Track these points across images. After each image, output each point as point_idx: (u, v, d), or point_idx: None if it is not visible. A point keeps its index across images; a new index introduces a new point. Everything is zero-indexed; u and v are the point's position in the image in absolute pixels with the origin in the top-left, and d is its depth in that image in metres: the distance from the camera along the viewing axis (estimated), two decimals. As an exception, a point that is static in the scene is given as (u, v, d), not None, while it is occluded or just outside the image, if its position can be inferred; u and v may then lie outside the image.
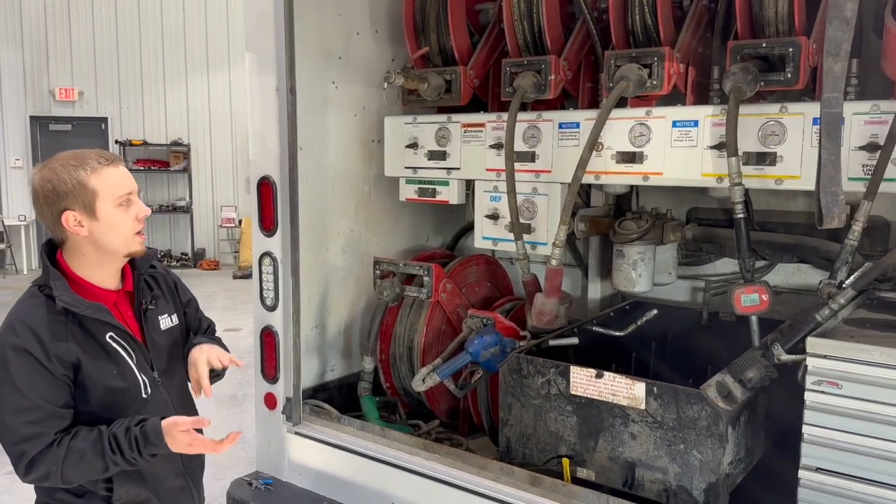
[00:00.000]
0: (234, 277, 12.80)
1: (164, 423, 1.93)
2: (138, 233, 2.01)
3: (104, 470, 1.91)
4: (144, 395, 2.04)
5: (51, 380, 1.88)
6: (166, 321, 2.17)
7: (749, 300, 2.30)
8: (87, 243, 1.95)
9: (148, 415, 1.97)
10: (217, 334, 2.41)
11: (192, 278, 12.12)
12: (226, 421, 6.00)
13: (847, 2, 1.97)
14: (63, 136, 13.66)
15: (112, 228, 1.95)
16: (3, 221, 12.89)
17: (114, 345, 1.98)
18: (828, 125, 2.05)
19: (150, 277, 2.17)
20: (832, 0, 1.99)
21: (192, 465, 2.25)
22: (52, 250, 2.04)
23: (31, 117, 13.45)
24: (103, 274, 2.02)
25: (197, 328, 2.32)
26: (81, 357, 1.92)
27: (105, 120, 13.74)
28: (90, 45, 13.56)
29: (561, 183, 2.84)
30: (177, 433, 1.92)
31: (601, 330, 2.89)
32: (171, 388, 2.15)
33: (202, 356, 2.12)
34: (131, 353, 2.02)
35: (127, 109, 13.82)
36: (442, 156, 3.12)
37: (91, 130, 13.74)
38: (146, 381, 2.05)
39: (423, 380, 2.84)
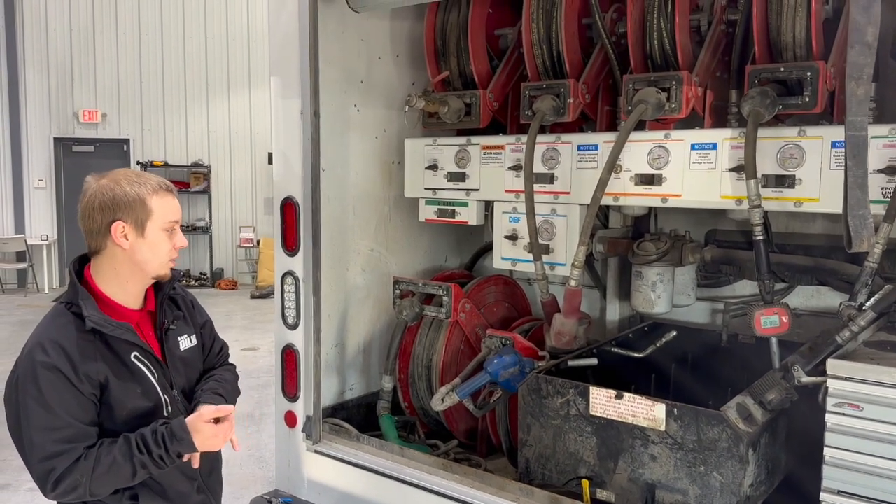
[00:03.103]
0: (252, 297, 12.88)
1: (188, 419, 1.99)
2: (172, 259, 2.07)
3: (132, 475, 1.93)
4: (165, 414, 2.07)
5: (80, 398, 1.91)
6: (185, 342, 2.20)
7: (769, 322, 2.30)
8: (125, 258, 1.99)
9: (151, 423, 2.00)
10: (231, 358, 2.44)
11: (210, 298, 12.21)
12: (243, 440, 6.00)
13: (868, 26, 1.99)
14: (86, 158, 13.89)
15: (153, 249, 2.01)
16: (25, 241, 13.08)
17: (138, 364, 2.01)
18: (853, 148, 2.05)
19: (170, 298, 2.20)
20: (853, 25, 2.01)
21: (212, 481, 2.27)
22: (79, 268, 2.07)
23: (55, 139, 13.69)
24: (130, 292, 2.06)
25: (210, 350, 2.34)
26: (109, 376, 1.95)
27: (127, 141, 13.96)
28: (114, 69, 13.83)
29: (579, 204, 2.87)
30: (202, 425, 1.97)
31: (620, 351, 2.89)
32: (189, 407, 2.17)
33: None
34: (154, 372, 2.05)
35: (149, 131, 14.04)
36: (461, 177, 3.16)
37: (113, 152, 13.96)
38: (167, 399, 2.08)
39: (442, 399, 2.86)
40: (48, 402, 1.87)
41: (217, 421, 2.02)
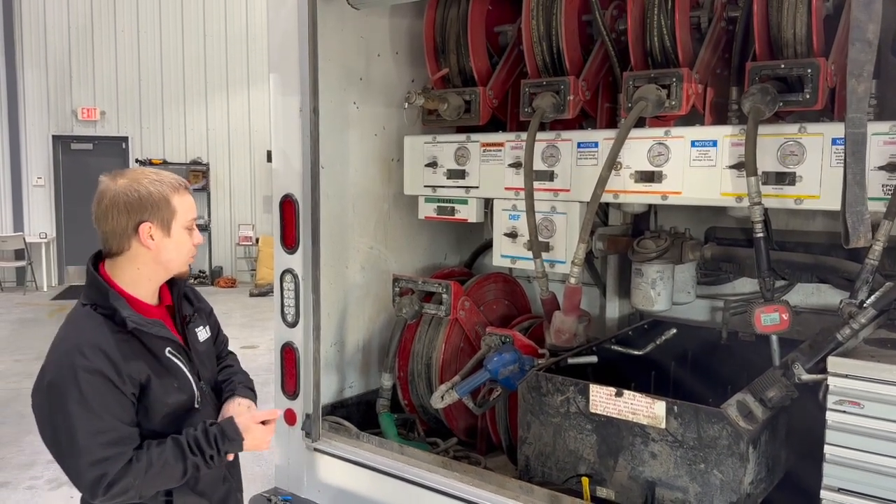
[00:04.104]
0: (251, 295, 12.88)
1: (238, 420, 2.04)
2: (191, 256, 2.10)
3: (182, 475, 1.94)
4: (196, 406, 2.08)
5: (122, 400, 1.89)
6: (202, 333, 2.21)
7: (769, 319, 2.29)
8: (149, 259, 1.99)
9: (198, 422, 2.03)
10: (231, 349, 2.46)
11: (209, 296, 12.04)
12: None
13: (869, 23, 1.99)
14: (84, 156, 13.89)
15: (178, 248, 2.02)
16: (24, 239, 13.06)
17: (173, 359, 2.02)
18: (853, 145, 2.05)
19: (185, 293, 2.22)
20: (854, 22, 2.00)
21: (235, 470, 2.30)
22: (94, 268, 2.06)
23: (54, 136, 13.70)
24: (149, 290, 2.05)
25: (217, 338, 2.36)
26: (150, 375, 1.94)
27: (126, 139, 13.96)
28: (112, 67, 13.82)
29: (579, 202, 2.86)
30: (254, 427, 2.04)
31: (620, 349, 2.89)
32: (213, 397, 2.21)
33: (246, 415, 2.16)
34: (185, 365, 2.06)
35: (147, 129, 14.04)
36: (461, 174, 3.15)
37: (112, 150, 13.96)
38: (198, 392, 2.10)
39: (442, 397, 2.85)
40: (92, 405, 1.83)
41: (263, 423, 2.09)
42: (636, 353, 2.86)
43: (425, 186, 3.29)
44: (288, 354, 3.13)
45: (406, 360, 3.29)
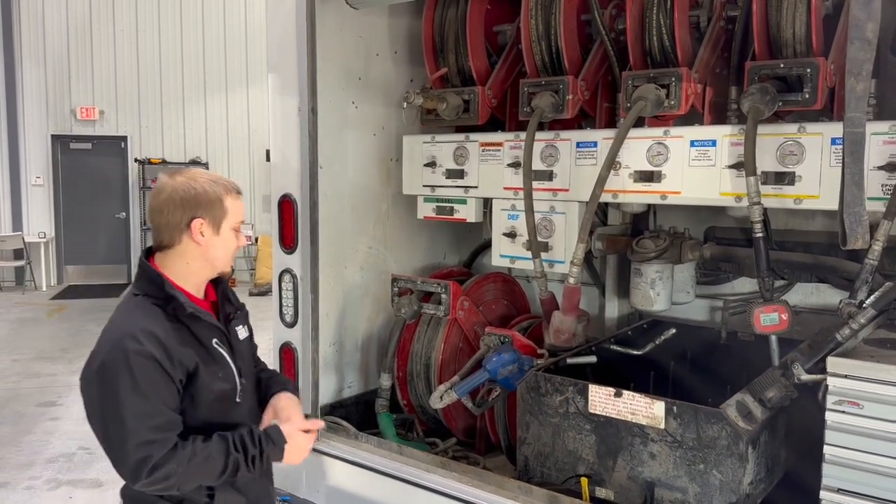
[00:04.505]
0: (250, 295, 12.86)
1: (283, 427, 2.12)
2: (233, 257, 2.18)
3: (222, 472, 1.98)
4: (238, 399, 2.13)
5: (170, 385, 1.95)
6: (243, 332, 2.27)
7: (769, 319, 2.29)
8: (198, 254, 2.06)
9: (240, 419, 2.11)
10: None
11: (208, 295, 12.18)
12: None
13: (868, 22, 1.98)
14: (83, 155, 13.88)
15: (225, 247, 2.10)
16: (23, 238, 13.05)
17: (219, 349, 2.08)
18: (851, 144, 2.05)
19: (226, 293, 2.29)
20: (853, 20, 2.00)
21: (268, 468, 2.33)
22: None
23: (53, 136, 13.67)
24: (195, 284, 2.12)
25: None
26: (198, 362, 2.01)
27: (125, 139, 13.95)
28: (111, 66, 13.80)
29: (578, 201, 2.86)
30: (297, 434, 2.13)
31: (619, 349, 2.89)
32: (252, 394, 2.26)
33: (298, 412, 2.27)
34: (229, 356, 2.12)
35: (146, 128, 14.02)
36: (460, 174, 3.15)
37: (111, 149, 13.95)
38: (239, 385, 2.14)
39: (441, 397, 2.85)
40: (142, 389, 1.89)
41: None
42: (635, 353, 2.86)
43: (424, 186, 3.28)
44: (286, 354, 3.13)
45: (405, 360, 3.29)
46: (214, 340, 2.07)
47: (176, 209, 2.01)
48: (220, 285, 2.23)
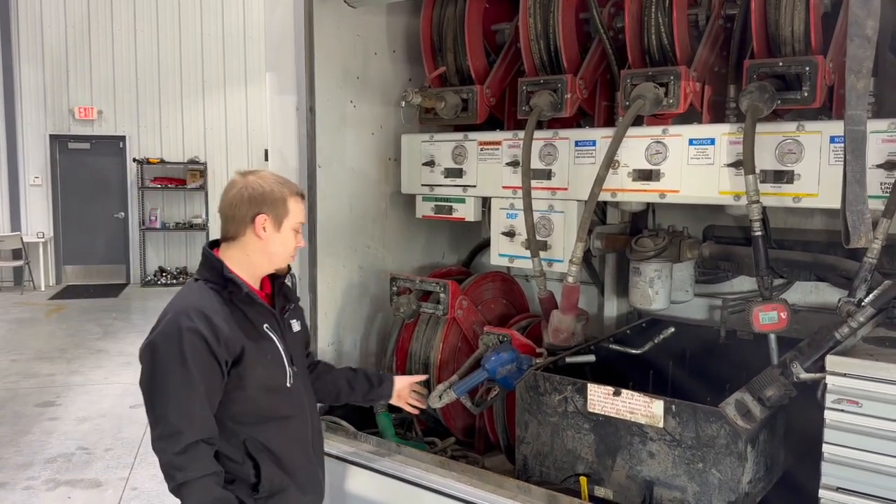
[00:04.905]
0: (249, 294, 12.85)
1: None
2: (291, 256, 2.31)
3: None
4: (288, 385, 2.25)
5: (214, 364, 2.07)
6: (296, 325, 2.41)
7: (767, 318, 2.29)
8: (258, 248, 2.21)
9: (289, 405, 2.26)
10: None
11: (207, 295, 12.17)
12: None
13: (867, 19, 1.98)
14: (81, 155, 13.86)
15: (284, 244, 2.24)
16: (21, 238, 13.04)
17: (270, 333, 2.22)
18: (852, 143, 2.04)
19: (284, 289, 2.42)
20: (853, 18, 1.99)
21: (318, 451, 2.43)
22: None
23: (51, 135, 13.65)
24: (253, 275, 2.26)
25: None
26: (246, 344, 2.13)
27: (123, 138, 13.92)
28: (109, 65, 13.78)
29: (577, 200, 2.86)
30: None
31: (618, 348, 2.88)
32: (305, 381, 2.39)
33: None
34: (280, 343, 2.25)
35: (145, 128, 14.00)
36: (458, 173, 3.14)
37: (109, 149, 13.93)
38: (290, 372, 2.27)
39: (440, 397, 2.85)
40: (188, 363, 2.03)
41: None
42: (634, 352, 2.86)
43: (423, 185, 3.28)
44: (285, 354, 3.12)
45: (404, 359, 3.28)
46: (266, 325, 2.22)
47: (243, 204, 2.18)
48: (277, 280, 2.35)
